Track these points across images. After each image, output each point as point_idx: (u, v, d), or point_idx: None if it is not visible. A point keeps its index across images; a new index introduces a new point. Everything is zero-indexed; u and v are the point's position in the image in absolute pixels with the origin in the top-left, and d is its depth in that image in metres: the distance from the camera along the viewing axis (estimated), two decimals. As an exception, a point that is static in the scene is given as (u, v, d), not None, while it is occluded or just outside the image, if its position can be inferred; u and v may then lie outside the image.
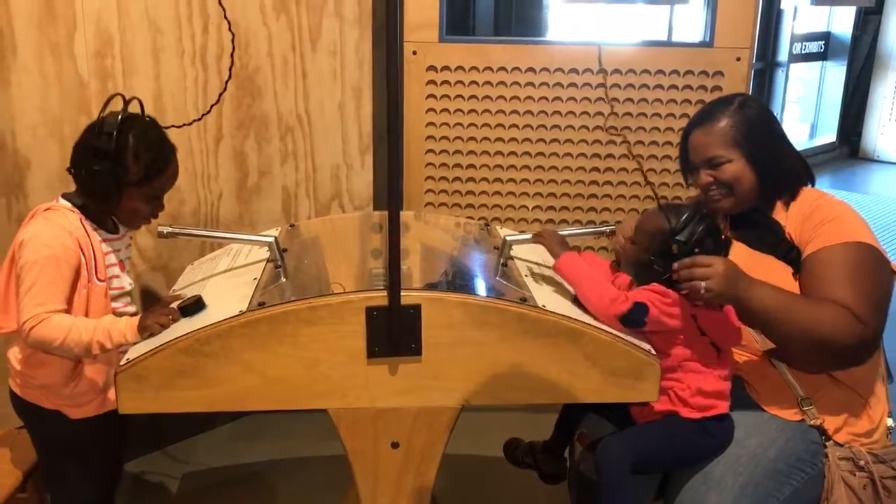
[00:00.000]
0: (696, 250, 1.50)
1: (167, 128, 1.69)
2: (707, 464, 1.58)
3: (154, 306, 1.54)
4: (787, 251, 1.68)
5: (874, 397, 1.69)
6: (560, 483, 1.88)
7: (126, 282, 1.73)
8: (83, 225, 1.61)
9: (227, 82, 1.79)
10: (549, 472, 1.88)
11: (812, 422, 1.63)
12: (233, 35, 2.05)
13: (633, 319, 1.47)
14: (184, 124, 1.77)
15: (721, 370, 1.58)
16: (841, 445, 1.62)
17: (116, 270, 1.69)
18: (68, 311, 1.55)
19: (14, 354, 1.68)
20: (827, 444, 1.61)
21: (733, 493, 1.52)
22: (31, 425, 1.75)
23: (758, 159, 1.70)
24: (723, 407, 1.57)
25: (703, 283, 1.46)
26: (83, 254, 1.58)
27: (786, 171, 1.74)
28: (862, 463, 1.60)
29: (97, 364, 1.66)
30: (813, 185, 1.78)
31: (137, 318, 1.49)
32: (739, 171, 1.70)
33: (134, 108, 1.65)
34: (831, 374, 1.66)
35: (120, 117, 1.57)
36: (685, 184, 1.87)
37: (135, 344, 1.46)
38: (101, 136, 1.56)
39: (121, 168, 1.57)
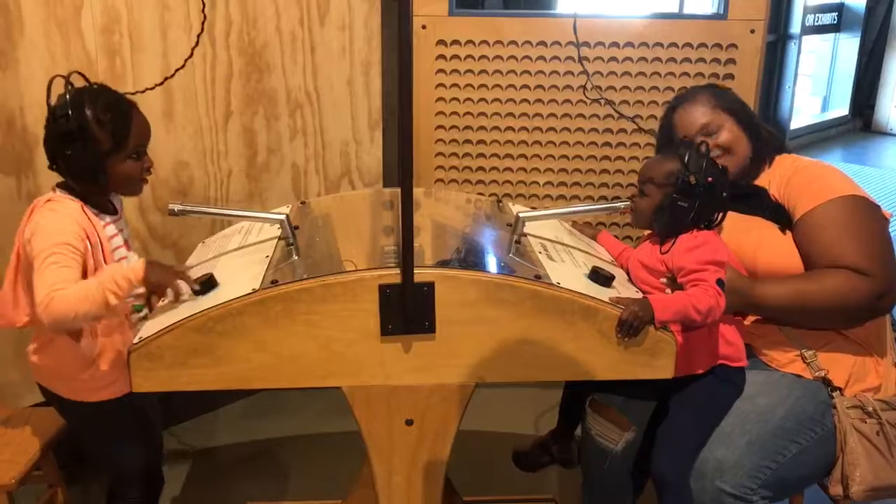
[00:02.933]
0: (710, 179, 1.55)
1: (129, 93, 1.65)
2: None
3: (170, 267, 1.51)
4: (773, 210, 1.73)
5: (883, 356, 1.71)
6: (578, 465, 1.89)
7: (134, 259, 1.71)
8: (86, 213, 1.58)
9: (198, 36, 1.75)
10: (568, 459, 1.89)
11: (817, 374, 1.66)
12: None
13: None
14: (146, 89, 1.72)
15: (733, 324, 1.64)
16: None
17: (123, 252, 1.67)
18: None
19: (31, 349, 1.68)
20: (833, 394, 1.64)
21: (739, 448, 1.56)
22: (60, 412, 1.76)
23: (745, 122, 1.78)
24: (743, 360, 1.65)
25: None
26: (90, 242, 1.56)
27: (765, 136, 1.81)
28: (870, 409, 1.63)
29: (112, 350, 1.64)
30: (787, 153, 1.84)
31: (143, 262, 1.48)
32: (735, 133, 1.77)
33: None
34: (840, 331, 1.70)
35: (67, 96, 1.53)
36: None
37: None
38: (59, 120, 1.52)
39: (92, 142, 1.53)
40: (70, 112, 1.51)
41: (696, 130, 1.77)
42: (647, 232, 1.72)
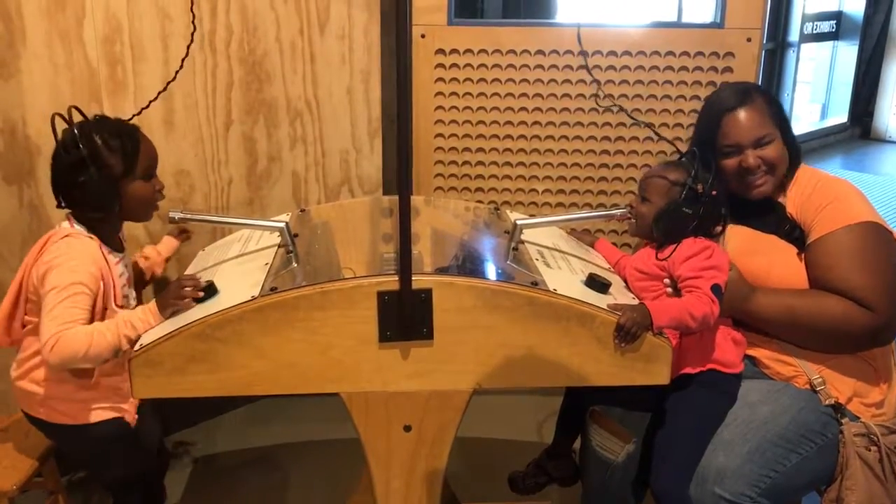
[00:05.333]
0: (714, 193, 1.55)
1: (129, 118, 1.69)
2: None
3: (168, 286, 1.52)
4: (790, 231, 1.69)
5: (888, 372, 1.70)
6: (576, 483, 1.89)
7: (132, 297, 1.74)
8: (102, 252, 1.60)
9: (188, 47, 1.77)
10: (566, 476, 1.89)
11: (827, 402, 1.64)
12: None
13: (721, 299, 1.53)
14: (143, 107, 1.75)
15: (732, 331, 1.65)
16: (856, 419, 1.63)
17: (127, 290, 1.69)
18: None
19: (15, 375, 1.68)
20: (843, 420, 1.62)
21: (740, 457, 1.55)
22: (52, 438, 1.78)
23: (787, 137, 1.71)
24: (737, 367, 1.65)
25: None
26: (103, 282, 1.58)
27: (795, 151, 1.74)
28: (875, 438, 1.61)
29: (104, 375, 1.66)
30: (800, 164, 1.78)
31: (153, 303, 1.50)
32: (780, 149, 1.69)
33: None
34: None
35: (75, 129, 1.56)
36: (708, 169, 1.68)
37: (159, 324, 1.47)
38: (70, 151, 1.55)
39: (105, 168, 1.56)
40: (79, 141, 1.54)
41: (752, 140, 1.66)
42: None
